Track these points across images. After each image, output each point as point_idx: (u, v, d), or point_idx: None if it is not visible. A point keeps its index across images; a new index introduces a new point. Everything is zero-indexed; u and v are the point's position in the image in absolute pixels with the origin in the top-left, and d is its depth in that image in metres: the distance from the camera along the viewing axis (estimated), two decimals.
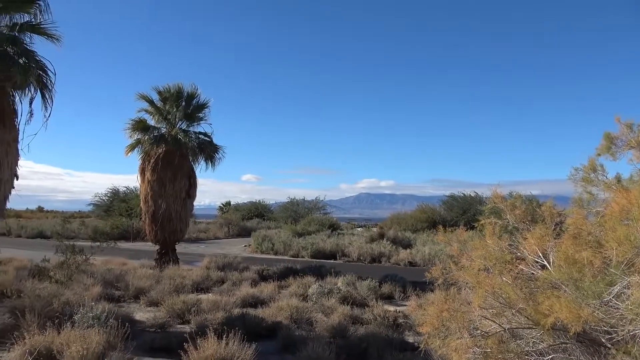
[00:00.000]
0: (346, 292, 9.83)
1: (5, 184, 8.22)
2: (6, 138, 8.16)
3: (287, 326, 7.45)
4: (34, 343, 5.50)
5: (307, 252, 21.13)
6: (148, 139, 14.46)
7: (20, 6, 8.56)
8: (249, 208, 47.76)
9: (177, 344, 6.09)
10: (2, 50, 8.05)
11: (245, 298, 9.51)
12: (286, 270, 13.28)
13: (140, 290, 10.14)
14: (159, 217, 14.05)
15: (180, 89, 14.99)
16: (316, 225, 29.07)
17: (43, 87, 8.70)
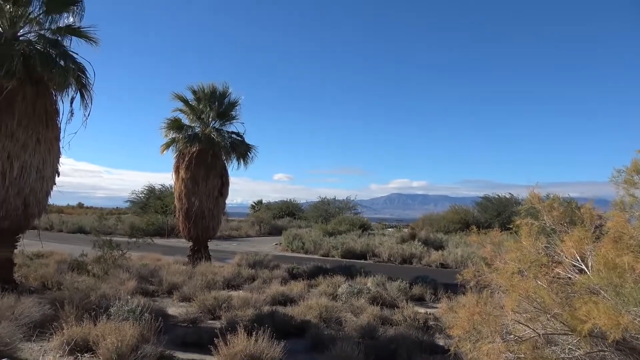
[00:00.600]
0: (376, 292, 9.76)
1: (48, 180, 8.58)
2: (49, 136, 8.52)
3: (316, 325, 7.45)
4: (72, 334, 5.70)
5: (338, 252, 21.10)
6: (182, 138, 14.75)
7: (61, 7, 8.89)
8: (280, 207, 48.09)
9: (208, 339, 6.19)
10: (45, 52, 8.39)
11: (275, 296, 9.57)
12: (316, 269, 13.30)
13: (174, 285, 10.35)
14: (192, 215, 14.32)
15: (214, 88, 15.22)
16: (347, 225, 29.00)
17: (82, 87, 9.02)
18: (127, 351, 5.22)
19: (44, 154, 8.39)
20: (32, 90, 8.27)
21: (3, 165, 7.80)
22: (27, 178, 8.06)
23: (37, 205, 8.43)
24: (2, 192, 7.79)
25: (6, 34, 8.38)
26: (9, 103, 7.89)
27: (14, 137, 7.92)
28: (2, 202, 7.80)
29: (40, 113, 8.39)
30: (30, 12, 8.73)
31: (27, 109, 8.16)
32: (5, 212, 7.87)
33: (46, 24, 8.98)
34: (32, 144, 8.18)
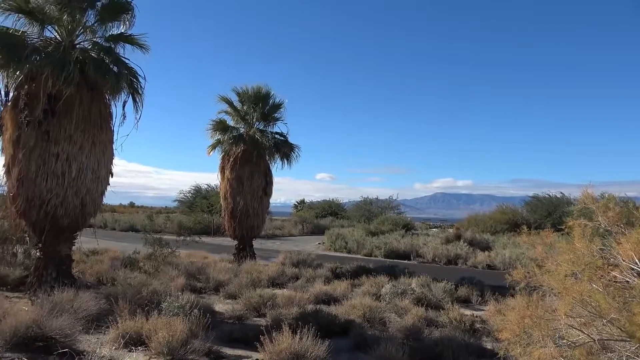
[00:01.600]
0: (420, 293, 9.63)
1: (102, 181, 9.00)
2: (103, 139, 8.93)
3: (360, 325, 7.45)
4: (126, 327, 5.95)
5: (381, 252, 20.96)
6: (227, 139, 15.11)
7: (114, 16, 9.30)
8: (322, 206, 48.25)
9: (254, 336, 6.31)
10: (100, 59, 8.80)
11: (319, 295, 9.63)
12: (359, 269, 13.26)
13: (220, 283, 10.61)
14: (237, 214, 14.65)
15: (258, 90, 15.51)
16: (390, 224, 28.74)
17: (134, 91, 9.39)
18: (178, 345, 5.41)
19: (98, 156, 8.81)
20: (88, 95, 8.69)
21: (62, 167, 8.25)
22: (84, 179, 8.49)
23: (93, 205, 8.87)
24: (62, 192, 8.25)
25: (64, 42, 8.84)
26: (67, 108, 8.33)
27: (72, 140, 8.36)
28: (62, 201, 8.25)
29: (95, 117, 8.81)
30: (86, 21, 9.17)
31: (84, 113, 8.58)
32: (65, 210, 8.32)
33: (100, 32, 9.42)
34: (88, 146, 8.60)
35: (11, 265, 10.00)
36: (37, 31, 8.86)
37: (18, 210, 8.53)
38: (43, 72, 8.12)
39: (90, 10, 9.06)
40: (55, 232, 8.51)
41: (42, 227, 8.41)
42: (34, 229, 8.71)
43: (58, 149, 8.24)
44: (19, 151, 8.21)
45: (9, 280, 9.39)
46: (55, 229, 8.46)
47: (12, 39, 8.28)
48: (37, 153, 8.16)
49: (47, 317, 5.57)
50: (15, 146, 8.24)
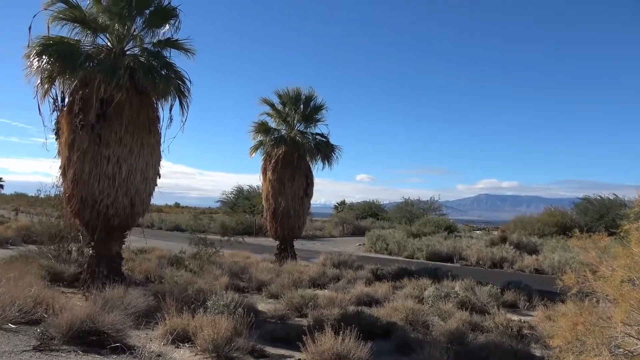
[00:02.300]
0: (464, 297, 9.42)
1: (150, 182, 9.32)
2: (151, 141, 9.24)
3: (402, 327, 7.36)
4: (173, 324, 6.14)
5: (422, 254, 20.66)
6: (269, 141, 15.31)
7: (161, 22, 9.63)
8: (363, 207, 48.05)
9: (296, 336, 6.36)
10: (148, 64, 9.10)
11: (360, 296, 9.59)
12: (400, 271, 13.12)
13: (262, 282, 10.76)
14: (278, 215, 14.81)
15: (298, 92, 15.64)
16: (432, 226, 28.27)
17: (181, 95, 9.67)
18: (222, 343, 5.52)
19: (147, 158, 9.13)
20: (137, 99, 9.02)
21: (113, 168, 8.60)
22: (133, 180, 8.81)
23: (142, 205, 9.19)
24: (113, 192, 8.60)
25: (115, 49, 9.23)
26: (118, 112, 8.68)
27: (122, 142, 8.70)
28: (112, 201, 8.61)
29: (144, 120, 9.13)
30: (134, 28, 9.53)
31: (133, 116, 8.92)
32: (115, 210, 8.67)
33: (147, 38, 9.77)
34: (137, 148, 8.92)
35: (66, 263, 10.50)
36: (90, 39, 9.30)
37: (73, 210, 8.96)
38: (95, 78, 8.49)
39: (139, 18, 9.41)
40: (107, 231, 8.88)
41: (94, 226, 8.79)
42: (87, 228, 9.13)
43: (109, 152, 8.60)
44: (73, 154, 8.61)
45: (65, 276, 9.86)
46: (106, 228, 8.83)
47: (67, 48, 8.70)
48: (90, 155, 8.54)
49: (100, 313, 5.82)
50: (71, 149, 8.65)
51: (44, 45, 8.48)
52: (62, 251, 11.04)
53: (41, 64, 8.40)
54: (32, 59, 8.42)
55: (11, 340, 5.48)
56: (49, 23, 8.87)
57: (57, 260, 10.52)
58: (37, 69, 8.42)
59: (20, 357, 4.91)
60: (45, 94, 8.77)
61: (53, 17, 8.86)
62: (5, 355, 4.92)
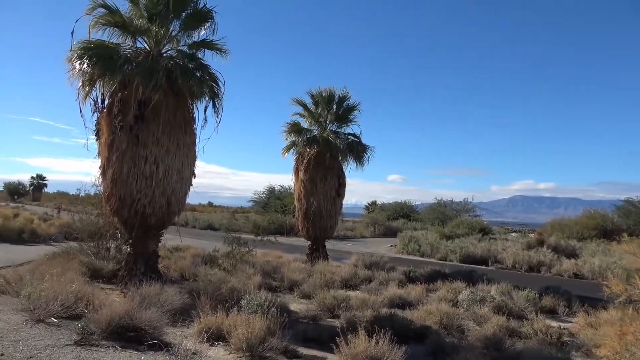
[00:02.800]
0: (501, 301, 9.18)
1: (186, 181, 9.48)
2: (187, 142, 9.40)
3: (437, 331, 7.24)
4: (208, 322, 6.21)
5: (456, 256, 20.30)
6: (301, 141, 15.36)
7: (197, 24, 9.79)
8: (394, 208, 47.63)
9: (328, 337, 6.34)
10: (184, 66, 9.25)
11: (393, 298, 9.50)
12: (434, 273, 12.93)
13: (294, 282, 10.80)
14: (310, 215, 14.84)
15: (331, 92, 15.62)
16: (465, 228, 27.76)
17: (214, 96, 9.78)
18: (256, 342, 5.55)
19: (183, 158, 9.29)
20: (173, 100, 9.20)
21: (150, 168, 8.79)
22: (170, 179, 8.98)
23: (178, 204, 9.36)
24: (150, 192, 8.78)
25: (153, 52, 9.43)
26: (155, 113, 8.86)
27: (159, 143, 8.88)
28: (150, 200, 8.80)
29: (180, 121, 9.30)
30: (171, 30, 9.72)
31: (170, 117, 9.09)
32: (152, 209, 8.86)
33: (183, 40, 9.94)
34: (173, 149, 9.09)
35: (105, 259, 10.81)
36: (129, 42, 9.55)
37: (112, 208, 9.22)
38: (134, 80, 8.69)
39: (176, 20, 9.60)
40: (144, 229, 9.08)
41: (132, 224, 9.01)
42: (125, 226, 9.36)
43: (147, 152, 8.79)
44: (112, 154, 8.85)
45: (103, 273, 10.17)
46: (143, 227, 9.03)
47: (107, 51, 8.94)
48: (129, 155, 8.75)
49: (138, 309, 5.95)
50: (110, 149, 8.89)
51: (85, 49, 8.74)
52: (101, 248, 11.38)
53: (82, 67, 8.65)
54: (74, 63, 8.69)
55: (54, 334, 5.67)
56: (90, 28, 9.15)
57: (96, 257, 10.86)
58: (78, 72, 8.68)
59: (63, 351, 5.06)
60: (87, 96, 9.03)
61: (94, 22, 9.13)
62: (49, 349, 5.09)
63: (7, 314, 6.47)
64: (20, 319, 6.20)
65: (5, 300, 7.33)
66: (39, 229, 19.43)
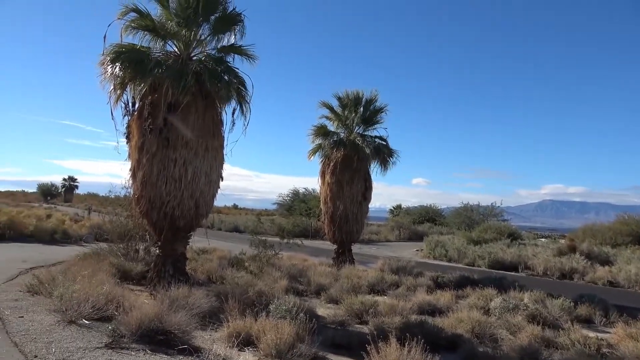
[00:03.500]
0: (534, 309, 8.88)
1: (214, 184, 9.51)
2: (215, 145, 9.43)
3: (469, 340, 7.03)
4: (236, 327, 6.17)
5: (484, 262, 19.86)
6: (328, 144, 15.29)
7: (226, 28, 9.82)
8: (419, 212, 47.15)
9: (358, 344, 6.22)
10: (213, 69, 9.29)
11: (422, 305, 9.30)
12: (463, 279, 12.65)
13: (321, 286, 10.69)
14: (336, 218, 14.74)
15: (358, 94, 15.51)
16: (493, 233, 27.18)
17: (242, 99, 9.79)
18: (285, 349, 5.47)
19: (211, 161, 9.31)
20: (202, 103, 9.23)
21: (179, 171, 8.84)
22: (198, 182, 9.01)
23: (205, 207, 9.39)
24: (179, 194, 8.84)
25: (182, 55, 9.50)
26: (184, 116, 8.92)
27: (188, 145, 8.92)
28: (178, 203, 8.85)
29: (208, 124, 9.33)
30: (201, 34, 9.78)
31: (198, 120, 9.14)
32: (181, 212, 8.90)
33: (212, 43, 9.99)
34: (201, 151, 9.12)
35: (134, 261, 10.94)
36: (159, 46, 9.65)
37: (141, 210, 9.30)
38: (164, 83, 8.77)
39: (205, 24, 9.65)
40: (173, 231, 9.14)
41: (161, 226, 9.07)
42: (154, 229, 9.44)
43: (176, 155, 8.84)
44: (142, 156, 8.94)
45: (133, 274, 10.27)
46: (172, 229, 9.08)
47: (138, 55, 9.05)
48: (158, 158, 8.82)
49: (167, 312, 5.95)
50: (140, 152, 8.98)
51: (117, 53, 8.86)
52: (130, 250, 11.51)
53: (114, 70, 8.78)
54: (106, 66, 8.82)
55: (85, 336, 5.71)
56: (122, 32, 9.28)
57: (125, 259, 10.99)
58: (110, 75, 8.81)
59: (94, 354, 5.08)
60: (118, 99, 9.15)
61: (126, 26, 9.25)
62: (80, 351, 5.12)
63: (40, 315, 6.58)
64: (52, 319, 6.29)
65: (38, 301, 7.46)
66: (70, 229, 19.89)
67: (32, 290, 8.08)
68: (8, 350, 4.99)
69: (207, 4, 9.34)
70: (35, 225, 18.85)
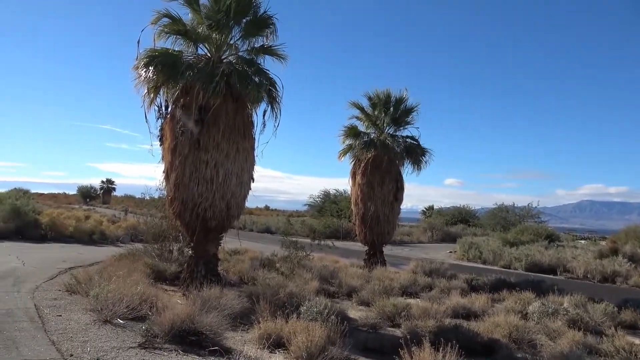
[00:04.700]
0: (575, 314, 8.53)
1: (245, 185, 9.55)
2: (246, 146, 9.47)
3: (506, 345, 6.80)
4: (267, 328, 6.14)
5: (521, 264, 19.29)
6: (358, 144, 15.17)
7: (257, 31, 9.87)
8: (452, 213, 46.32)
9: (390, 348, 6.10)
10: (243, 71, 9.34)
11: (456, 308, 9.08)
12: (498, 282, 12.31)
13: (352, 288, 10.58)
14: (367, 219, 14.60)
15: (389, 94, 15.33)
16: (530, 234, 26.40)
17: (272, 100, 9.82)
18: (316, 351, 5.40)
19: (242, 162, 9.36)
20: (233, 105, 9.29)
21: (211, 172, 8.92)
22: (229, 183, 9.07)
23: (237, 208, 9.44)
24: (210, 195, 8.91)
25: (213, 58, 9.60)
26: (215, 118, 9.00)
27: (219, 147, 8.99)
28: (210, 204, 8.92)
29: (239, 125, 9.38)
30: (231, 37, 9.86)
31: (229, 122, 9.19)
32: (213, 213, 8.98)
33: (243, 45, 10.05)
34: (232, 153, 9.18)
35: (168, 261, 11.10)
36: (191, 50, 9.78)
37: (174, 211, 9.44)
38: (195, 86, 8.88)
39: (236, 27, 9.72)
40: (205, 232, 9.23)
41: (193, 227, 9.17)
42: (187, 229, 9.56)
43: (207, 156, 8.93)
44: (175, 158, 9.07)
45: (167, 274, 10.43)
46: (204, 230, 9.17)
47: (171, 58, 9.18)
48: (190, 160, 8.93)
49: (199, 313, 5.98)
50: (173, 154, 9.12)
51: (150, 57, 9.02)
52: (164, 250, 11.69)
53: (148, 74, 8.94)
54: (140, 71, 8.99)
55: (119, 335, 5.81)
56: (155, 37, 9.45)
57: (160, 259, 11.16)
58: (144, 79, 8.97)
59: (127, 354, 5.15)
60: (151, 102, 9.33)
61: (159, 31, 9.42)
62: (114, 351, 5.19)
63: (77, 314, 6.74)
64: (88, 319, 6.44)
65: (76, 300, 7.66)
66: (107, 230, 20.47)
67: (70, 290, 8.31)
68: (46, 349, 5.11)
69: (239, 7, 9.38)
70: (74, 226, 19.48)
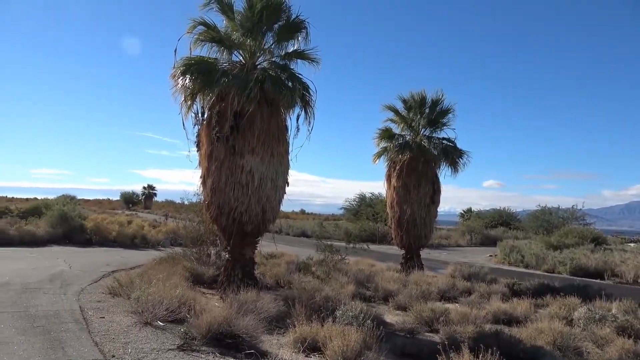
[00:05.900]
0: (624, 321, 8.12)
1: (280, 189, 9.61)
2: (280, 151, 9.54)
3: (550, 353, 6.53)
4: (302, 332, 6.14)
5: (566, 268, 18.58)
6: (393, 147, 15.02)
7: (289, 35, 9.95)
8: (492, 216, 45.17)
9: (428, 353, 5.99)
10: (276, 76, 9.42)
11: (497, 314, 8.82)
12: (541, 287, 11.88)
13: (388, 292, 10.45)
14: (404, 223, 14.41)
15: (424, 96, 15.12)
16: (575, 237, 25.42)
17: (306, 104, 9.85)
18: (352, 356, 5.35)
19: (276, 166, 9.43)
20: (267, 110, 9.38)
21: (246, 177, 9.02)
22: (265, 188, 9.15)
23: (272, 212, 9.51)
24: (246, 200, 9.02)
25: (247, 64, 9.73)
26: (250, 123, 9.11)
27: (254, 152, 9.09)
28: (246, 208, 9.03)
29: (273, 130, 9.47)
30: (265, 42, 9.97)
31: (264, 127, 9.29)
32: (249, 217, 9.08)
33: (276, 51, 10.15)
34: (267, 157, 9.26)
35: (206, 265, 11.31)
36: (226, 56, 9.95)
37: (211, 216, 9.62)
38: (230, 92, 9.02)
39: (269, 33, 9.83)
40: (241, 236, 9.35)
41: (230, 231, 9.31)
42: (224, 234, 9.71)
43: (243, 161, 9.04)
44: (212, 164, 9.24)
45: (205, 278, 10.62)
46: (240, 234, 9.29)
47: (207, 66, 9.38)
48: (226, 165, 9.07)
49: (236, 316, 6.05)
50: (209, 159, 9.29)
51: (187, 66, 9.22)
52: (202, 254, 11.92)
53: (184, 82, 9.15)
54: (177, 79, 9.21)
55: (159, 337, 5.94)
56: (192, 45, 9.67)
57: (198, 263, 11.40)
58: (181, 87, 9.19)
59: (166, 356, 5.26)
60: (189, 109, 9.53)
61: (195, 39, 9.65)
62: (154, 352, 5.32)
63: (119, 316, 6.95)
64: (130, 320, 6.62)
65: (118, 302, 7.90)
66: (148, 235, 21.07)
67: (113, 292, 8.59)
68: (89, 350, 5.29)
69: (271, 13, 9.50)
70: (117, 231, 20.15)
